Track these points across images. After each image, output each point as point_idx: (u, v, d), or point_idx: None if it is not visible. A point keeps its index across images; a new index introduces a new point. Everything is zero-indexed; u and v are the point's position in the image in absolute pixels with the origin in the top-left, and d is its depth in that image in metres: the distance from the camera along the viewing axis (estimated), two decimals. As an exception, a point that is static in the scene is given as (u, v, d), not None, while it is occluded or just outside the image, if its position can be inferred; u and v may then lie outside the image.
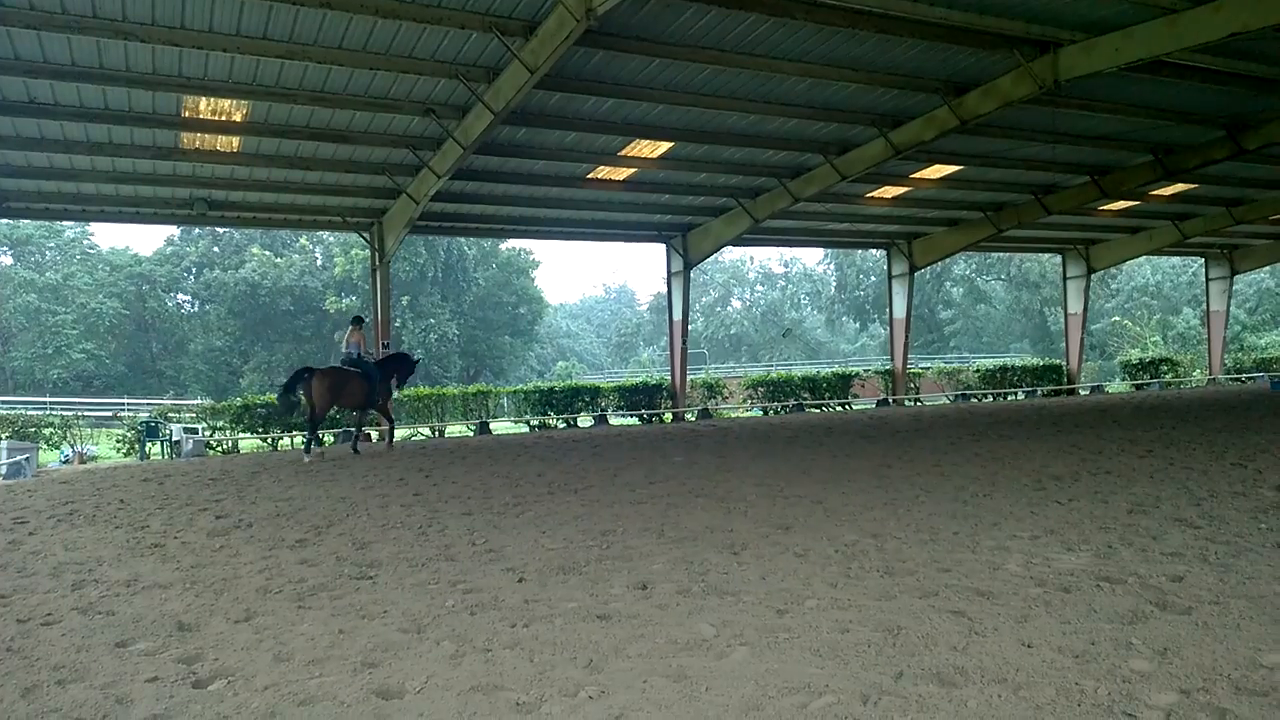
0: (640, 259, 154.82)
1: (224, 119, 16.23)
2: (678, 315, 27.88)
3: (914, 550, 6.24)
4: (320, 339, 55.71)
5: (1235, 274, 38.77)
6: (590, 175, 21.08)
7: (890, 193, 24.69)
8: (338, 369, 16.84)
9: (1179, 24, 13.66)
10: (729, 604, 5.07)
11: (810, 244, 39.50)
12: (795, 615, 4.80)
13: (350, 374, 16.55)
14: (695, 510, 8.38)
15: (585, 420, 26.11)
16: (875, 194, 24.62)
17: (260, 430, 22.02)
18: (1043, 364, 36.06)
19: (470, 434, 24.18)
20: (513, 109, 15.21)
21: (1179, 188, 26.36)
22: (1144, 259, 53.70)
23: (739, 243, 28.75)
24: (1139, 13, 13.91)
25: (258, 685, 4.06)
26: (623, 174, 21.15)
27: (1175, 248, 35.46)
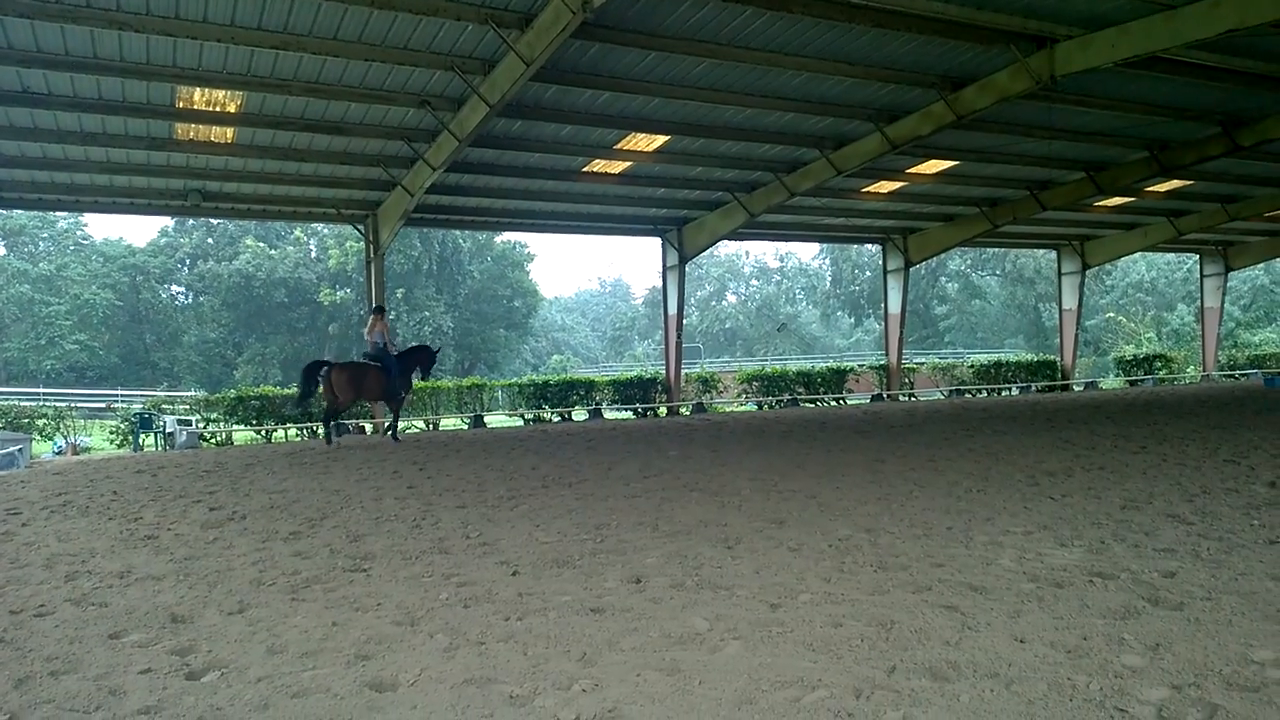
0: (635, 253, 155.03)
1: (218, 110, 16.17)
2: (673, 309, 27.88)
3: (907, 545, 6.25)
4: (315, 331, 55.61)
5: (1230, 271, 38.84)
6: (586, 168, 21.05)
7: (886, 188, 24.69)
8: (355, 363, 17.25)
9: (1176, 20, 13.66)
10: (722, 598, 5.07)
11: (806, 239, 39.58)
12: (789, 609, 4.80)
13: (368, 367, 16.85)
14: (689, 504, 8.38)
15: (580, 414, 26.08)
16: (871, 189, 24.62)
17: (254, 422, 21.99)
18: (1037, 360, 36.12)
19: (464, 427, 24.16)
20: (508, 101, 15.20)
21: (1174, 184, 26.39)
22: (1139, 255, 53.76)
23: (734, 237, 28.75)
24: (1136, 8, 13.92)
25: (251, 677, 4.05)
26: (618, 167, 21.11)
27: (1170, 244, 35.51)
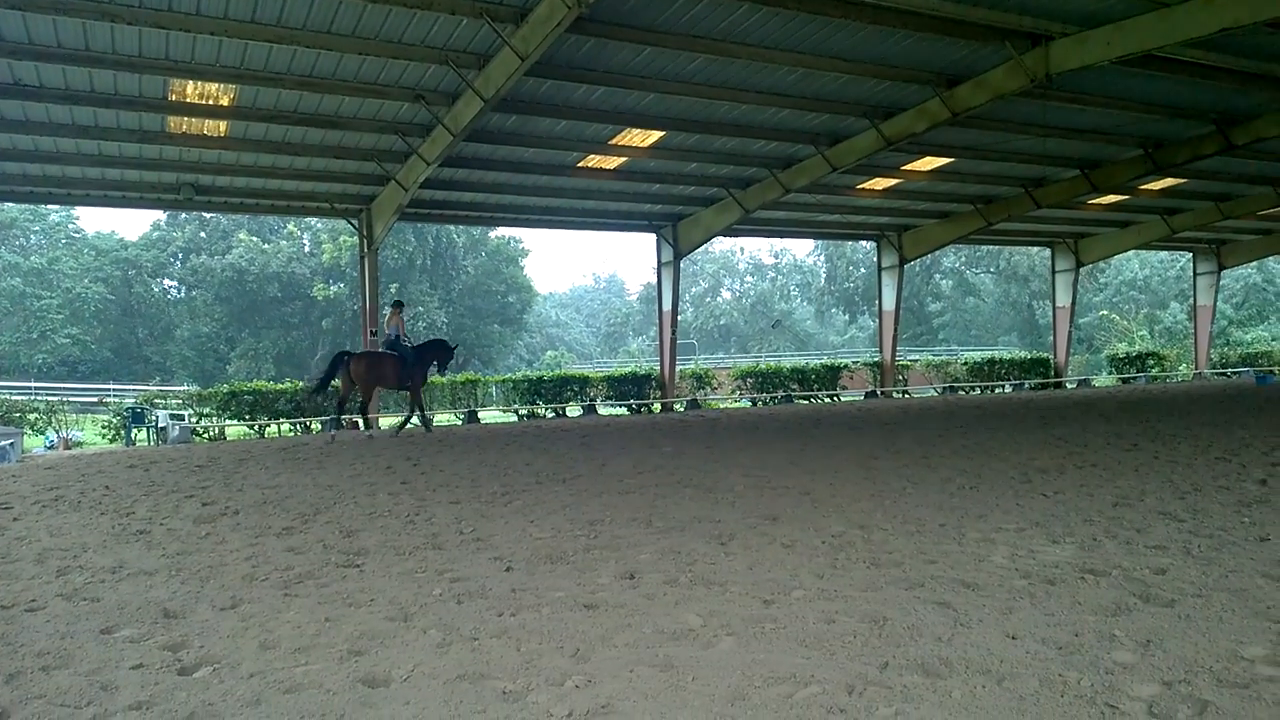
0: (630, 248, 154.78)
1: (211, 103, 16.12)
2: (667, 305, 27.88)
3: (900, 542, 6.26)
4: (308, 326, 55.44)
5: (1223, 269, 38.98)
6: (580, 164, 21.03)
7: (881, 184, 24.71)
8: (372, 352, 18.11)
9: (1171, 18, 13.70)
10: (716, 594, 5.07)
11: (800, 235, 39.60)
12: (782, 606, 4.80)
13: (384, 356, 17.62)
14: (683, 500, 8.38)
15: (574, 410, 26.08)
16: (866, 185, 24.64)
17: (247, 417, 21.95)
18: (1030, 357, 36.20)
19: (458, 423, 24.15)
20: (503, 96, 15.17)
21: (1168, 182, 26.47)
22: (1132, 253, 53.86)
23: (729, 233, 28.76)
24: (1131, 6, 13.95)
25: (243, 673, 4.04)
26: (613, 163, 21.10)
27: (1163, 242, 35.64)
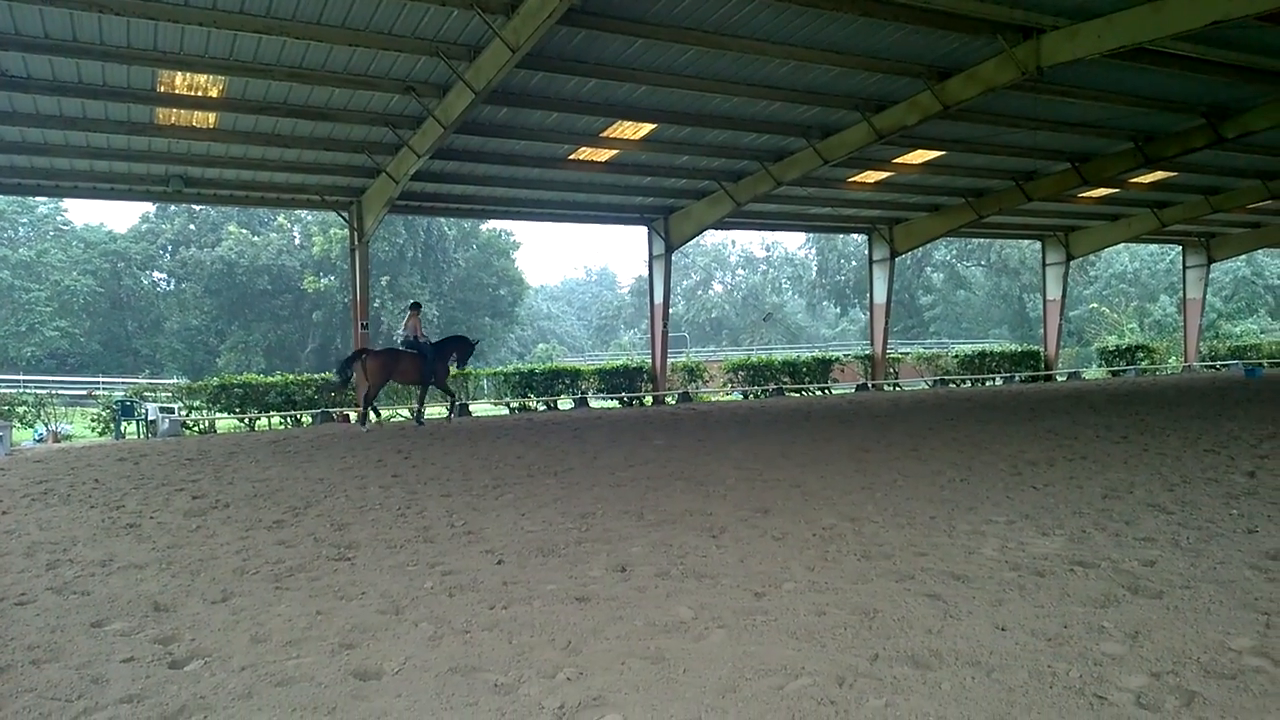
0: (622, 241, 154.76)
1: (200, 94, 16.00)
2: (659, 298, 27.85)
3: (891, 534, 6.28)
4: (298, 319, 55.29)
5: (1212, 262, 39.08)
6: (572, 156, 20.97)
7: (872, 177, 24.71)
8: (391, 349, 18.90)
9: (1162, 11, 13.68)
10: (707, 587, 5.08)
11: (792, 228, 39.50)
12: (773, 598, 4.82)
13: (402, 353, 18.46)
14: (675, 493, 8.40)
15: (565, 403, 26.07)
16: (857, 178, 24.63)
17: (237, 410, 21.89)
18: (1021, 350, 36.27)
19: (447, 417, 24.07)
20: (494, 88, 15.09)
21: (1158, 175, 26.52)
22: (1122, 246, 54.15)
23: (721, 226, 28.73)
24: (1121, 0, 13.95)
25: (234, 666, 4.04)
26: (604, 155, 21.05)
27: (1153, 235, 35.76)
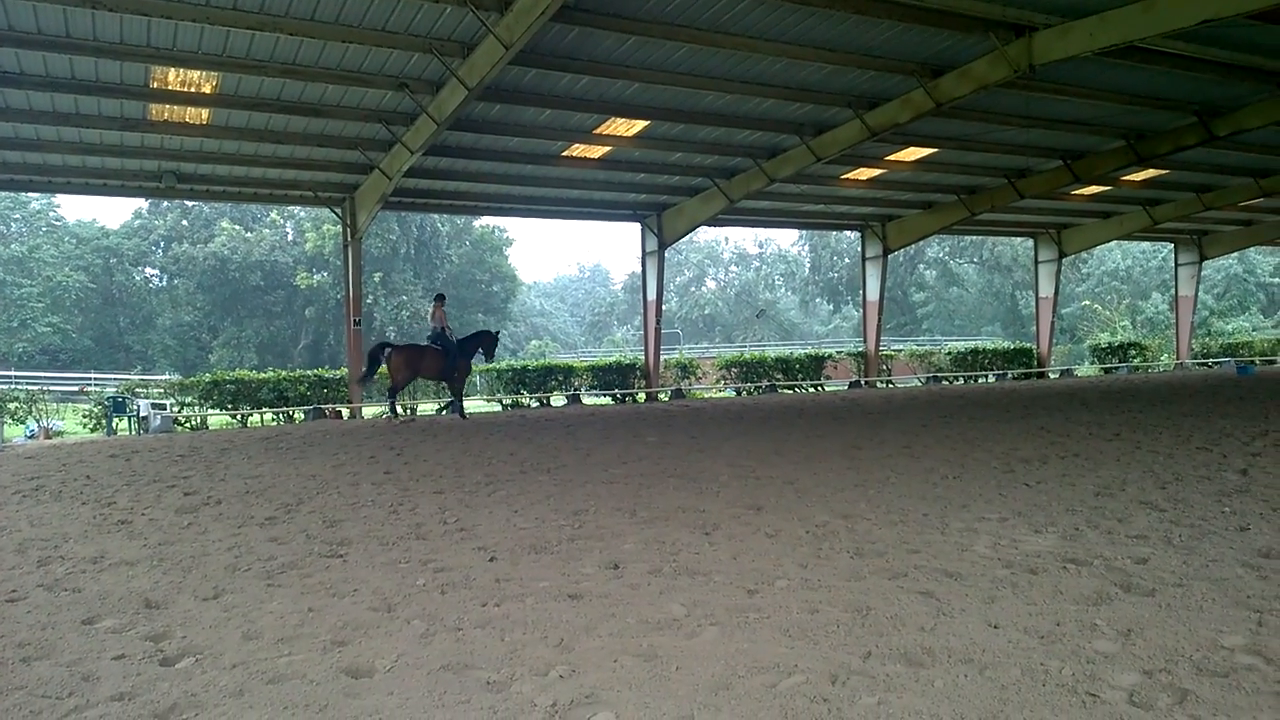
0: (615, 238, 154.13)
1: (193, 91, 15.97)
2: (652, 295, 27.86)
3: (884, 531, 6.29)
4: (291, 315, 55.13)
5: (1204, 260, 39.23)
6: (565, 153, 20.96)
7: (865, 175, 24.75)
8: (415, 345, 19.41)
9: (1154, 9, 13.73)
10: (700, 584, 5.08)
11: (785, 225, 39.59)
12: (765, 595, 4.82)
13: (426, 349, 18.79)
14: (667, 490, 8.39)
15: (558, 399, 26.05)
16: (850, 176, 24.67)
17: (230, 407, 21.84)
18: (1013, 347, 36.39)
19: (440, 414, 24.06)
20: (487, 85, 15.09)
21: (1150, 173, 26.61)
22: (1115, 244, 54.21)
23: (714, 223, 28.75)
24: (1114, -3, 14.00)
25: (226, 663, 4.03)
26: (598, 152, 21.04)
27: (1146, 233, 35.89)
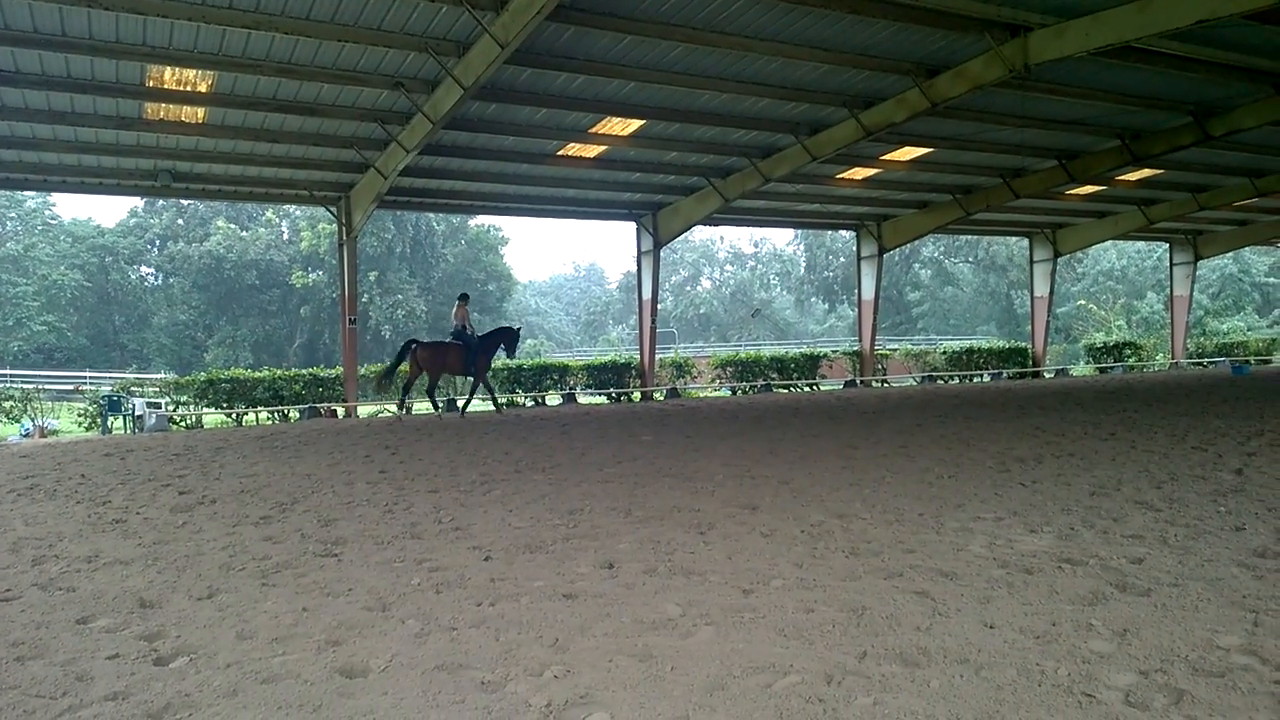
0: (610, 237, 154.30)
1: (189, 90, 15.94)
2: (647, 294, 27.86)
3: (879, 531, 6.29)
4: (286, 314, 55.08)
5: (1199, 259, 39.32)
6: (560, 152, 20.95)
7: (860, 174, 24.76)
8: (439, 341, 20.32)
9: (1149, 10, 13.74)
10: (695, 583, 5.08)
11: (780, 224, 39.58)
12: (761, 595, 4.82)
13: (449, 345, 19.70)
14: (662, 490, 8.39)
15: (553, 399, 26.05)
16: (845, 175, 24.68)
17: (225, 405, 21.80)
18: (1008, 346, 36.44)
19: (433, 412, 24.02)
20: (483, 84, 15.07)
21: (1145, 173, 26.64)
22: (1110, 244, 54.33)
23: (709, 222, 28.75)
24: (1109, -2, 14.01)
25: (220, 663, 4.02)
26: (593, 151, 21.03)
27: (1141, 233, 35.94)
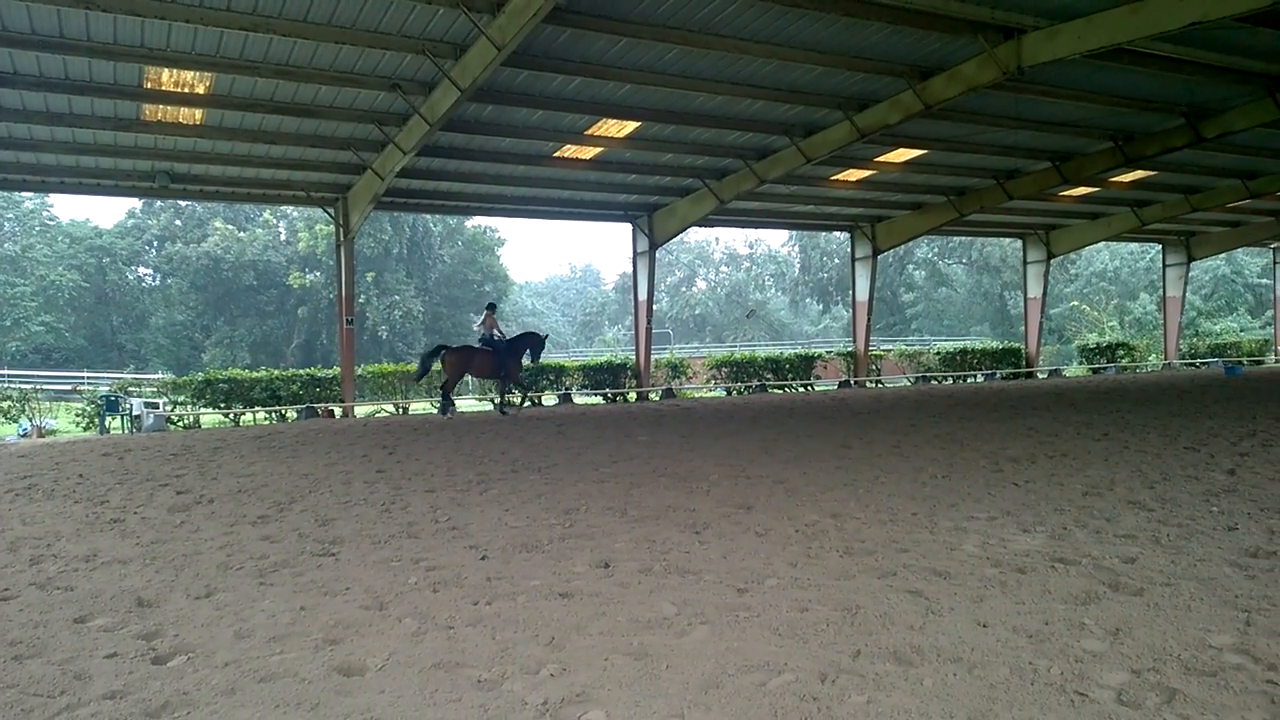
0: (606, 238, 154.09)
1: (187, 91, 15.94)
2: (643, 295, 27.88)
3: (873, 530, 6.32)
4: (284, 314, 54.98)
5: (1192, 260, 39.35)
6: (557, 154, 20.96)
7: (855, 176, 24.78)
8: (468, 346, 20.90)
9: (1142, 12, 13.78)
10: (690, 583, 5.11)
11: (775, 225, 39.62)
12: (755, 594, 4.85)
13: (477, 350, 20.39)
14: (658, 489, 8.42)
15: (550, 399, 26.06)
16: (840, 176, 24.70)
17: (222, 405, 21.79)
18: (1002, 347, 36.47)
19: (434, 411, 24.02)
20: (480, 86, 15.09)
21: (1138, 174, 26.70)
22: (1103, 245, 54.31)
23: (704, 223, 28.75)
24: (1102, 0, 14.03)
25: (218, 662, 4.04)
26: (589, 153, 21.05)
27: (1134, 234, 35.97)
